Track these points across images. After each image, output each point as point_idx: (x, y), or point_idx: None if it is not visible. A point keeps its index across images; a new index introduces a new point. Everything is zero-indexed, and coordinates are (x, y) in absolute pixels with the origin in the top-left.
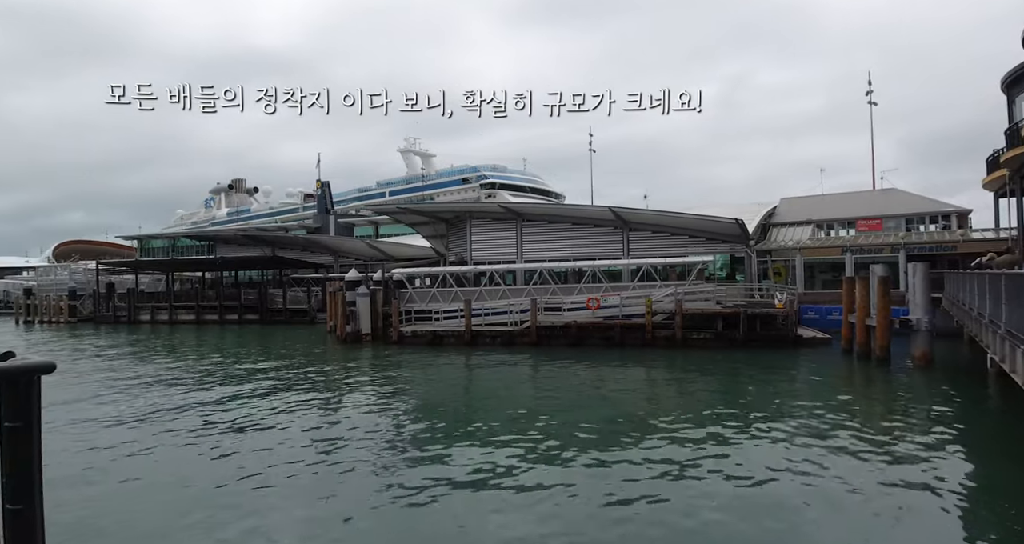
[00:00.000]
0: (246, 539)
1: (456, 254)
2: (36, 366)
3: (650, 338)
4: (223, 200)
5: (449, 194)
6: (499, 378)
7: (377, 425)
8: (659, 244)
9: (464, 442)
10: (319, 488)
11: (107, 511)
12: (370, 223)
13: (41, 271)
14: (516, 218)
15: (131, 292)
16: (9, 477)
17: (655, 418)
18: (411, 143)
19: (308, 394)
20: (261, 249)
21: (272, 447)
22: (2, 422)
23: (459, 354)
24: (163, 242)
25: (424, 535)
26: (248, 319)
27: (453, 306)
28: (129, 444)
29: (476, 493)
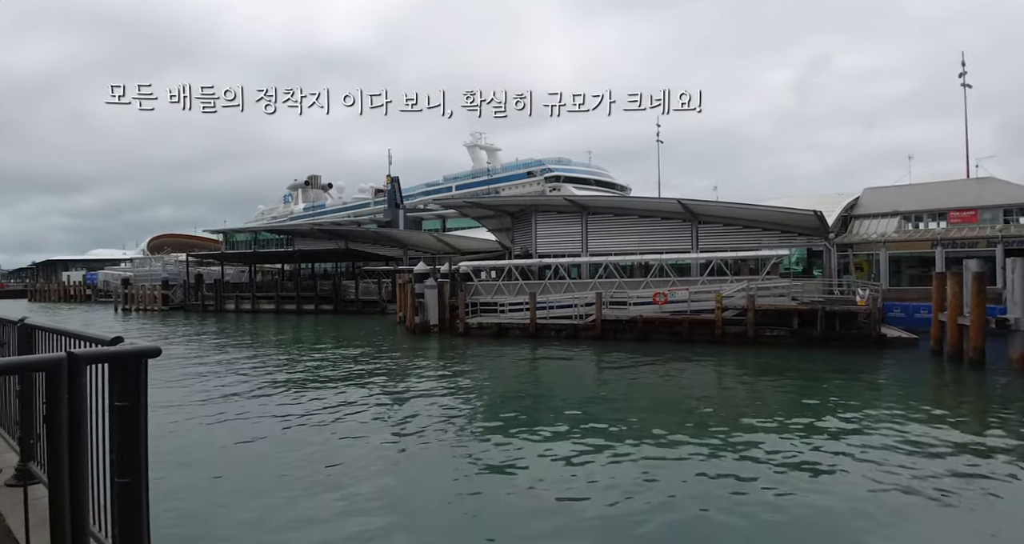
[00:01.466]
0: (317, 511)
1: (521, 247)
2: (144, 350)
3: (719, 334)
4: (300, 196)
5: (514, 188)
6: (563, 371)
7: (443, 412)
8: (730, 237)
9: (525, 432)
10: (386, 468)
11: (197, 483)
12: (437, 217)
13: (137, 262)
14: (581, 211)
15: (217, 283)
16: (118, 453)
17: (722, 418)
18: (477, 137)
19: (379, 380)
20: (335, 242)
21: (345, 428)
22: (112, 401)
23: (524, 346)
24: (246, 236)
25: (483, 520)
26: (323, 309)
27: (518, 299)
28: (217, 422)
29: (533, 482)
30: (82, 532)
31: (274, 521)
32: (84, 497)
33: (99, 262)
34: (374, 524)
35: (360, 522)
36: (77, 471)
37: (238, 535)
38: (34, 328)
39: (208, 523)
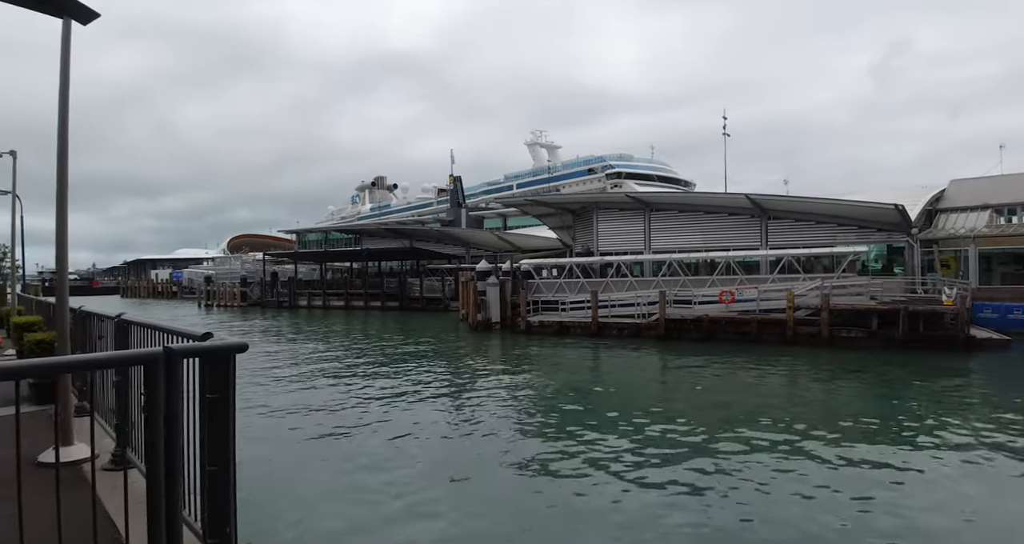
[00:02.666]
0: (378, 491)
1: (582, 245)
2: (233, 346)
3: (791, 335)
4: (367, 196)
5: (575, 185)
6: (625, 370)
7: (504, 408)
8: (802, 233)
9: (586, 430)
10: (446, 459)
11: (277, 469)
12: (498, 215)
13: (218, 261)
14: (644, 208)
15: (291, 280)
16: (209, 442)
17: (793, 423)
18: (537, 136)
19: (442, 375)
20: (400, 241)
21: (407, 419)
22: (204, 394)
23: (585, 345)
24: (317, 236)
25: (537, 513)
26: (389, 306)
27: (579, 297)
28: (291, 411)
29: (591, 480)
30: (175, 516)
31: (340, 506)
32: (178, 483)
33: (184, 261)
34: (431, 516)
35: (417, 514)
36: (172, 459)
37: (309, 518)
38: (129, 323)
39: (284, 507)
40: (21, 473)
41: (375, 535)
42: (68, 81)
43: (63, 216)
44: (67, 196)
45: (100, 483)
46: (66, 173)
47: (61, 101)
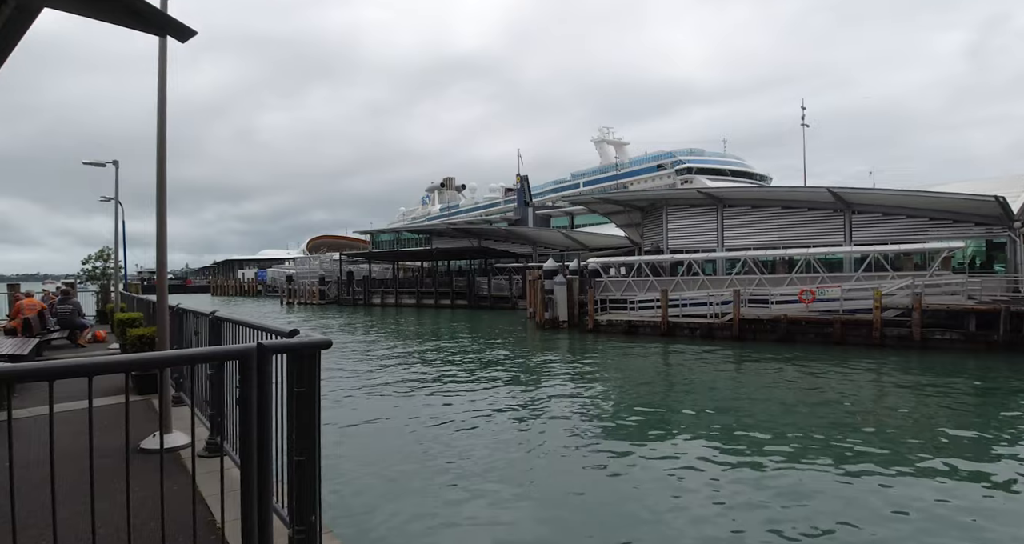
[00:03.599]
0: (445, 483)
1: (652, 243)
2: (318, 343)
3: (877, 337)
4: (436, 197)
5: (643, 182)
6: (697, 371)
7: (571, 406)
8: (890, 228)
9: (656, 432)
10: (514, 458)
11: (352, 459)
12: (565, 214)
13: (298, 261)
14: (716, 204)
15: (366, 279)
16: (297, 433)
17: (884, 431)
18: (604, 133)
19: (510, 372)
20: (469, 240)
21: (477, 416)
22: (291, 387)
23: (655, 345)
24: (389, 236)
25: (602, 516)
26: (458, 304)
27: (649, 296)
28: (365, 403)
29: (657, 483)
30: (267, 503)
31: (414, 498)
32: (269, 472)
33: (268, 261)
34: (495, 512)
35: (482, 510)
36: (264, 449)
37: (380, 507)
38: (221, 320)
39: (363, 497)
40: (119, 458)
41: (443, 525)
42: (165, 94)
43: (162, 221)
44: (166, 202)
45: (196, 466)
46: (164, 181)
47: (160, 113)
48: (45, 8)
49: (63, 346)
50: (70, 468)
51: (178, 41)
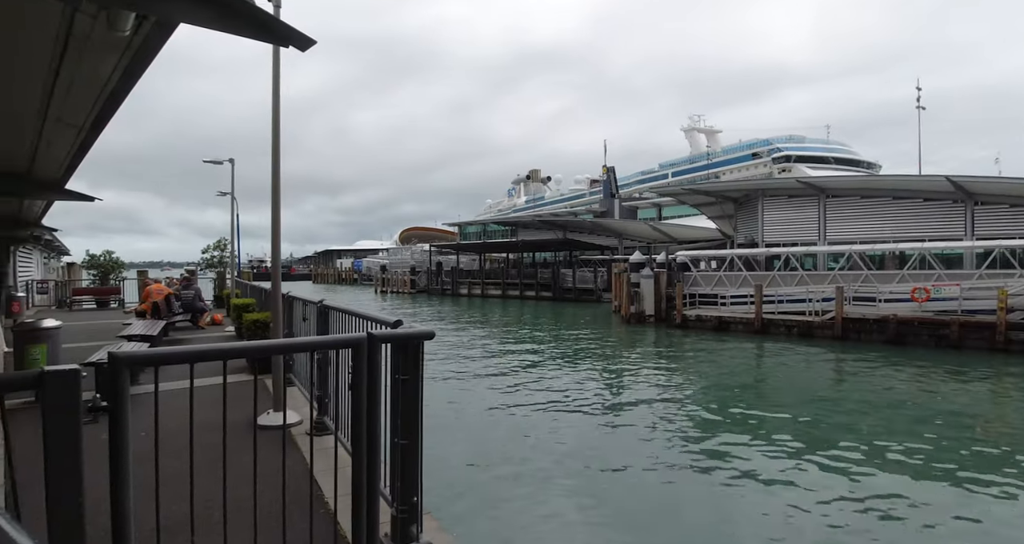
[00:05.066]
0: (534, 480)
1: (745, 236)
2: (421, 333)
3: (1002, 341)
4: (522, 189)
5: (736, 171)
6: (792, 372)
7: (656, 404)
8: (1020, 221)
9: (746, 435)
10: (593, 454)
11: (439, 446)
12: (653, 205)
13: (391, 252)
14: (818, 194)
15: (453, 270)
16: (401, 418)
17: (1004, 451)
18: (694, 120)
19: (594, 366)
20: (554, 232)
21: (560, 410)
22: (395, 375)
23: (747, 342)
24: (476, 228)
25: (686, 519)
26: (543, 296)
27: (742, 291)
28: (453, 390)
29: (745, 491)
30: (375, 482)
31: (502, 489)
32: (378, 453)
33: (363, 251)
34: (575, 512)
35: (563, 510)
36: (373, 432)
37: (470, 494)
38: (329, 308)
39: (452, 483)
40: (237, 434)
41: (530, 517)
42: (279, 97)
43: (277, 218)
44: (279, 198)
45: (303, 445)
46: (279, 178)
47: (274, 115)
48: (181, 23)
49: (185, 327)
50: (198, 440)
51: (299, 50)
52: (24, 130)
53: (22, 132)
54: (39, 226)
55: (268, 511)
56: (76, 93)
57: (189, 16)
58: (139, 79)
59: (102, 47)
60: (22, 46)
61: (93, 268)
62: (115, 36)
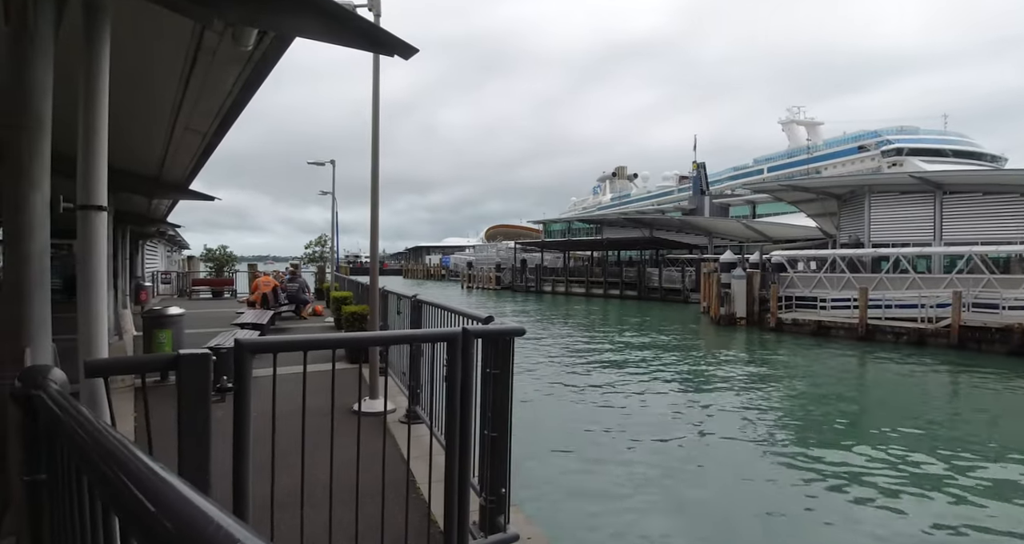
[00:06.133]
0: (615, 480)
1: (849, 235)
2: (513, 330)
3: None
4: (607, 186)
5: (839, 166)
6: (901, 384)
7: (747, 412)
8: None
9: (844, 453)
10: (678, 462)
11: (522, 441)
12: (746, 203)
13: (477, 248)
14: (933, 190)
15: (538, 267)
16: (491, 411)
17: None
18: (793, 113)
19: (680, 369)
20: (640, 230)
21: (643, 415)
22: (486, 369)
23: (849, 349)
24: (561, 225)
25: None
26: (627, 295)
27: (844, 294)
28: (536, 387)
29: (840, 514)
30: (467, 470)
31: (584, 486)
32: (469, 443)
33: (451, 248)
34: (658, 518)
35: (645, 515)
36: (466, 423)
37: (553, 491)
38: (422, 303)
39: (533, 478)
40: (337, 418)
41: (614, 518)
42: (378, 102)
43: (375, 218)
44: (378, 201)
45: (396, 432)
46: (377, 179)
47: (374, 119)
48: (297, 37)
49: (289, 317)
50: (295, 423)
51: (403, 59)
52: (157, 137)
53: (156, 139)
54: (165, 223)
55: (365, 492)
56: (202, 103)
57: (306, 31)
58: (258, 89)
59: (227, 60)
60: (158, 61)
61: (210, 261)
62: (239, 51)
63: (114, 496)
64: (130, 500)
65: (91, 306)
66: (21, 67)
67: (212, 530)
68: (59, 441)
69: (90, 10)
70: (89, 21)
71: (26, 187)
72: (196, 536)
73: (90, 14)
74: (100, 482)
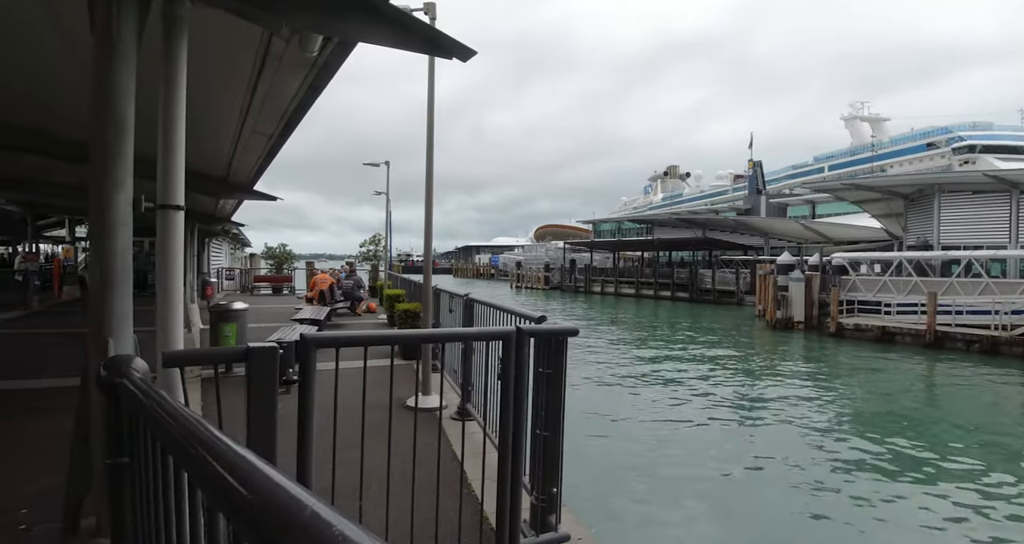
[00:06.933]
0: (665, 485)
1: (917, 237)
2: (566, 330)
3: None
4: (659, 186)
5: (907, 164)
6: (973, 396)
7: (805, 423)
8: None
9: (907, 469)
10: (730, 471)
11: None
12: (805, 202)
13: (526, 248)
14: (1010, 189)
15: (587, 267)
16: (544, 410)
17: None
18: (856, 108)
19: (735, 375)
20: (692, 231)
21: (694, 420)
22: (538, 369)
23: (916, 358)
24: (610, 225)
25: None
26: (679, 296)
27: (911, 299)
28: (587, 389)
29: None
30: (519, 468)
31: (631, 490)
32: (522, 441)
33: (500, 247)
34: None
35: (694, 521)
36: (519, 422)
37: (604, 494)
38: (474, 301)
39: (582, 480)
40: (393, 413)
41: (663, 522)
42: (433, 104)
43: (429, 219)
44: (432, 203)
45: (448, 427)
46: (431, 182)
47: (429, 121)
48: (360, 42)
49: (344, 314)
50: (351, 416)
51: (461, 61)
52: (226, 140)
53: (224, 142)
54: (229, 222)
55: (420, 486)
56: (269, 107)
57: (370, 37)
58: (321, 92)
59: (292, 66)
60: (228, 67)
61: (270, 258)
62: (304, 56)
63: (203, 476)
64: (218, 479)
65: (168, 300)
66: (106, 73)
67: (307, 516)
68: (142, 425)
69: (169, 20)
70: (168, 30)
71: (110, 187)
72: (291, 520)
73: (169, 23)
74: (186, 461)
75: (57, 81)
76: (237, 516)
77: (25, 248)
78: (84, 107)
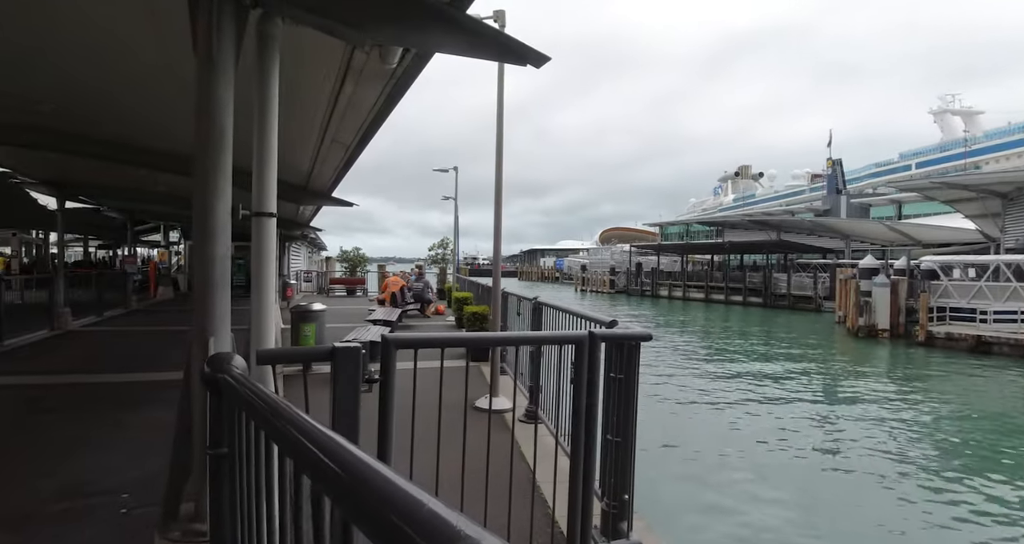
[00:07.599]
0: (735, 502)
1: (1017, 239)
2: (639, 335)
3: None
4: (729, 187)
5: (1003, 160)
6: None
7: (893, 441)
8: None
9: (1002, 489)
10: (803, 483)
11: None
12: (891, 202)
13: (592, 251)
14: None
15: (654, 271)
16: (615, 416)
17: None
18: (947, 101)
19: (813, 387)
20: (766, 233)
21: (769, 432)
22: (609, 374)
23: (1015, 369)
24: (678, 228)
25: None
26: (751, 301)
27: (1009, 306)
28: (655, 396)
29: None
30: (591, 476)
31: (699, 495)
32: (593, 448)
33: (565, 251)
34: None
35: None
36: (591, 426)
37: (667, 503)
38: (542, 305)
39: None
40: (462, 413)
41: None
42: (503, 110)
43: (498, 221)
44: (501, 208)
45: (517, 430)
46: (500, 189)
47: (498, 128)
48: (437, 53)
49: (414, 315)
50: (424, 416)
51: (535, 67)
52: (308, 150)
53: (306, 151)
54: (308, 227)
55: (492, 488)
56: (348, 117)
57: (447, 47)
58: (397, 103)
59: (372, 77)
60: (313, 80)
61: (345, 261)
62: (383, 68)
63: (310, 464)
64: (325, 469)
65: (262, 301)
66: (207, 89)
67: (425, 513)
68: (244, 417)
69: (263, 38)
70: (262, 48)
71: (211, 197)
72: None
73: (263, 41)
74: (295, 454)
75: (158, 98)
76: (346, 503)
77: (125, 252)
78: (183, 121)
